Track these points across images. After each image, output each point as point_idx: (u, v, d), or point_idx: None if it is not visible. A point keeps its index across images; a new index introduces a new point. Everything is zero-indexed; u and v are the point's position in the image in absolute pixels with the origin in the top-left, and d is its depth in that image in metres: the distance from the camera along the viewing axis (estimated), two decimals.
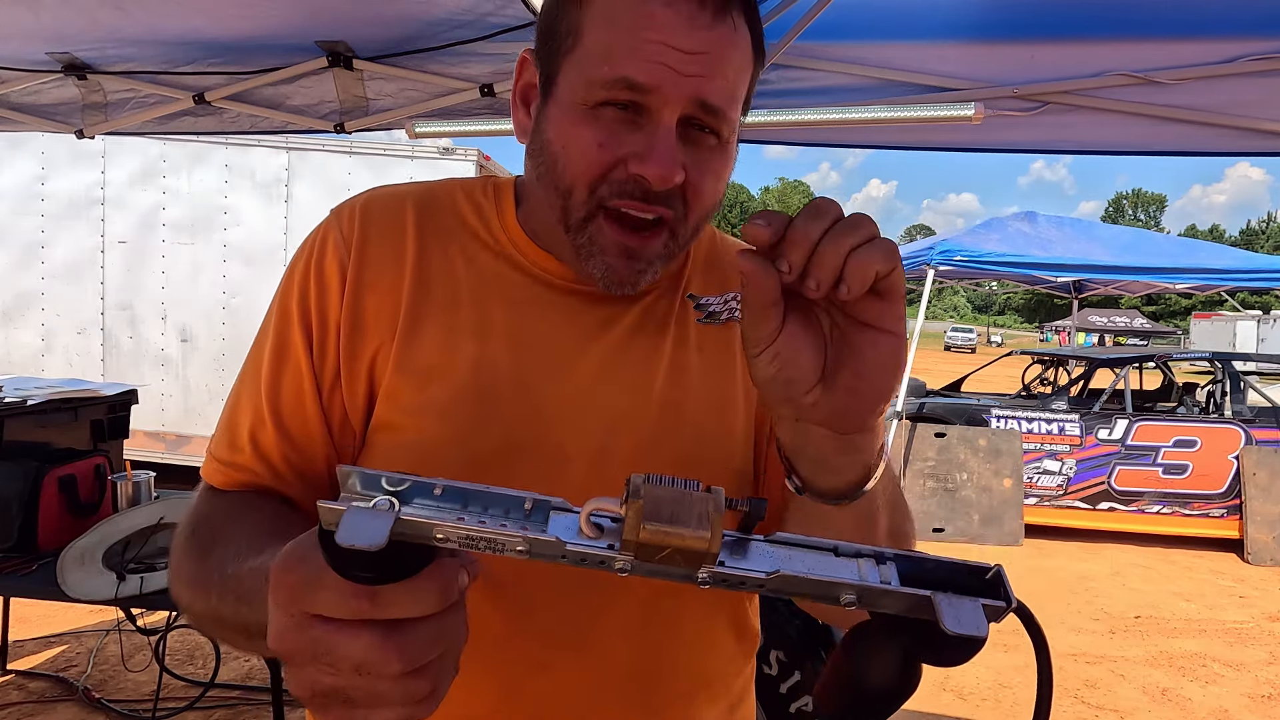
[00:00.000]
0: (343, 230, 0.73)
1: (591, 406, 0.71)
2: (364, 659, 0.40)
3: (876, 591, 0.41)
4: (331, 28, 2.32)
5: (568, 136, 0.66)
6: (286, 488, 0.71)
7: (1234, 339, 26.68)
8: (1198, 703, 3.80)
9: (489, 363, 0.70)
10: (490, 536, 0.40)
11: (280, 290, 0.73)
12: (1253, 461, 6.28)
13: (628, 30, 0.63)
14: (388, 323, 0.70)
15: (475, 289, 0.73)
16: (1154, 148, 2.21)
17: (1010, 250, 6.78)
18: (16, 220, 6.22)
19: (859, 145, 2.57)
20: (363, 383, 0.70)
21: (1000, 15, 2.01)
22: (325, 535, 0.38)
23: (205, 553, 0.64)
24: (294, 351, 0.71)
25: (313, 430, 0.71)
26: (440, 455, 0.67)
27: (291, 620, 0.41)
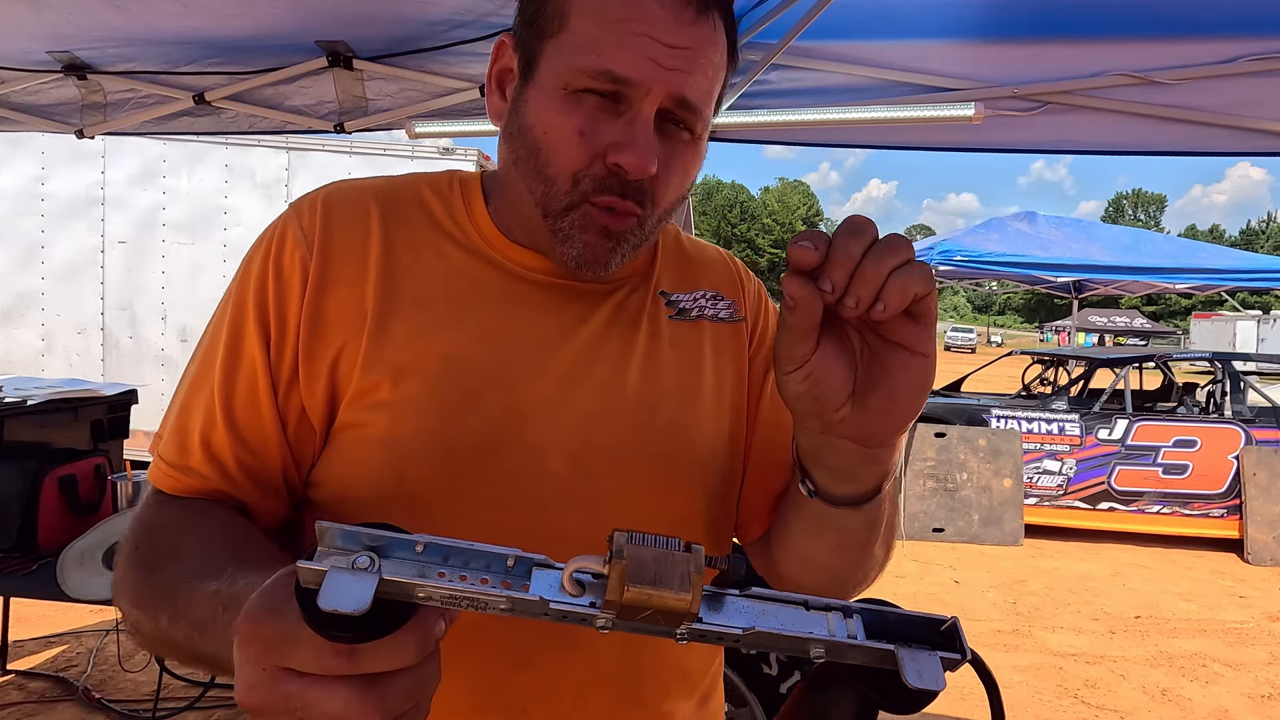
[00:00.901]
0: (303, 225, 0.70)
1: (569, 402, 0.71)
2: (341, 713, 0.40)
3: (844, 646, 0.43)
4: (331, 28, 2.32)
5: (549, 122, 0.66)
6: (239, 493, 0.68)
7: (1234, 339, 26.68)
8: (1198, 703, 3.80)
9: (464, 358, 0.69)
10: (474, 595, 0.40)
11: (234, 286, 0.70)
12: (1253, 461, 6.28)
13: (615, 22, 0.63)
14: (353, 320, 0.68)
15: (446, 285, 0.71)
16: (1154, 148, 2.21)
17: (1010, 250, 6.79)
18: (16, 220, 6.22)
19: (859, 145, 2.57)
20: (323, 382, 0.67)
21: (1000, 15, 2.01)
22: (304, 594, 0.38)
23: (153, 568, 0.60)
24: (249, 350, 0.67)
25: (268, 432, 0.68)
26: (416, 451, 0.66)
27: (264, 675, 0.41)
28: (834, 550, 0.70)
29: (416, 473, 0.65)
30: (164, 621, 0.57)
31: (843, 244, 0.48)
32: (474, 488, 0.67)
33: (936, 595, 5.08)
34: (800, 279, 0.49)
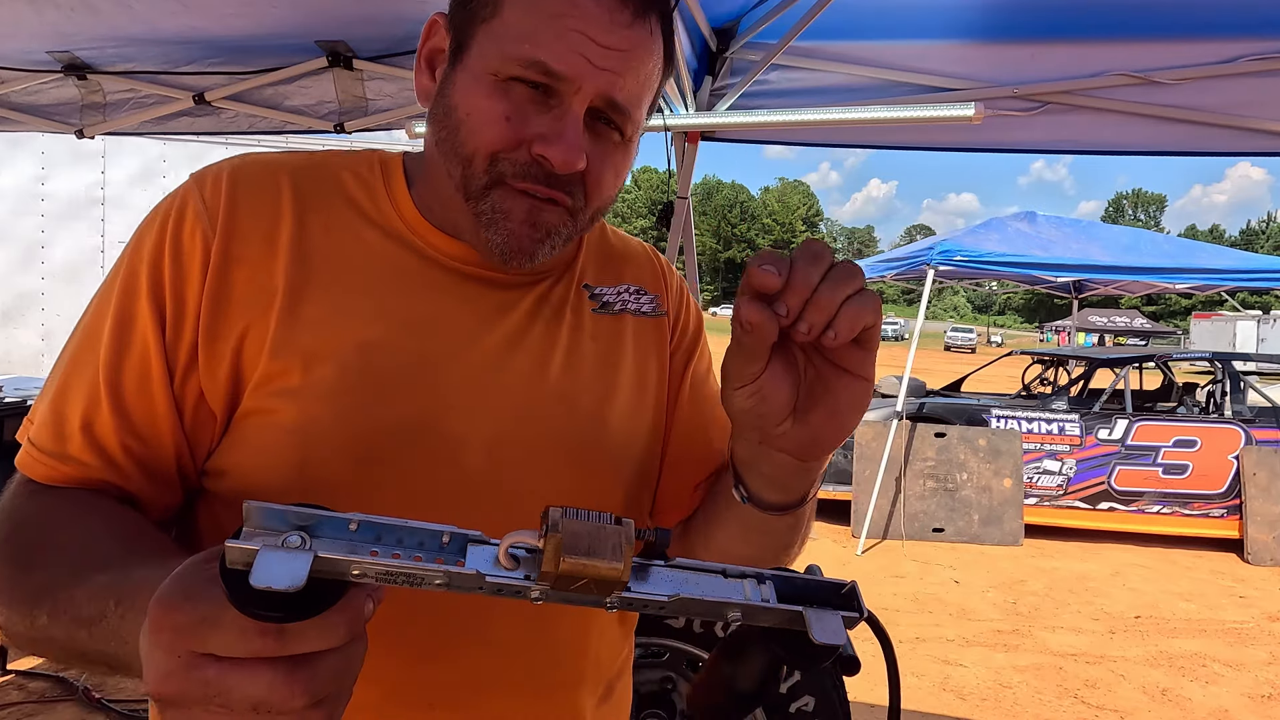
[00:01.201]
0: (205, 198, 0.66)
1: (489, 393, 0.69)
2: (265, 697, 0.39)
3: (758, 609, 0.46)
4: (331, 28, 2.32)
5: (474, 105, 0.65)
6: (126, 483, 0.63)
7: (1234, 339, 26.68)
8: (1198, 703, 3.80)
9: (381, 346, 0.66)
10: (410, 571, 0.40)
11: (123, 261, 0.65)
12: (1253, 461, 6.28)
13: (551, 16, 0.62)
14: (259, 301, 0.64)
15: (363, 268, 0.68)
16: (1154, 148, 2.21)
17: (1010, 250, 6.78)
18: (16, 220, 6.22)
19: (859, 145, 2.57)
20: (225, 365, 0.63)
21: (1000, 15, 2.01)
22: (231, 575, 0.37)
23: (28, 563, 0.56)
24: (141, 330, 0.63)
25: (161, 418, 0.63)
26: (326, 441, 0.63)
27: (179, 662, 0.39)
28: (756, 549, 0.71)
29: (326, 464, 0.63)
30: (42, 619, 0.53)
31: (801, 271, 0.49)
32: (386, 481, 0.64)
33: (936, 595, 5.08)
34: (758, 304, 0.50)
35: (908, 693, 3.68)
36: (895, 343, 57.89)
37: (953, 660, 4.10)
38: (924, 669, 3.97)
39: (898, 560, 5.79)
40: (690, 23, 2.11)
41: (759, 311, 0.50)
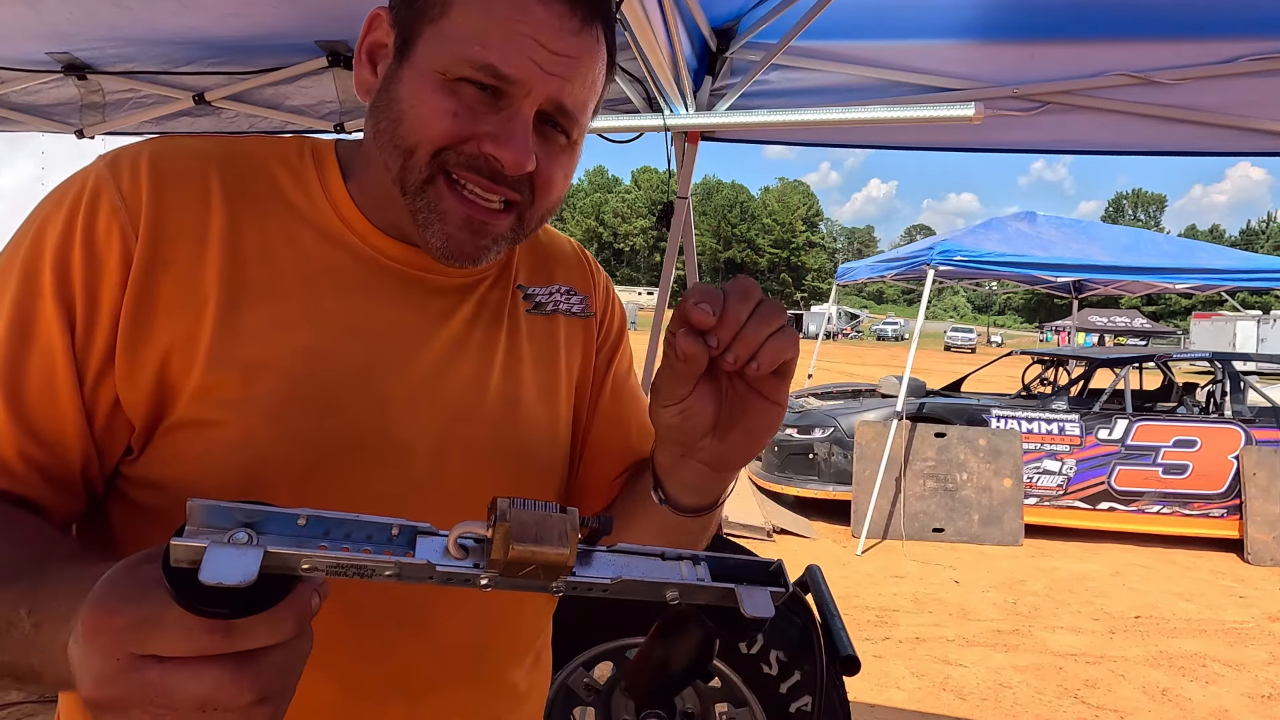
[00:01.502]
0: (123, 190, 0.61)
1: (433, 400, 0.70)
2: (212, 695, 0.38)
3: (694, 588, 0.49)
4: (331, 28, 2.32)
5: (420, 99, 0.64)
6: (25, 490, 0.59)
7: (1234, 339, 26.69)
8: (1198, 703, 3.80)
9: (323, 354, 0.65)
10: (360, 563, 0.41)
11: (20, 251, 0.61)
12: (1253, 461, 6.28)
13: (502, 20, 0.62)
14: (190, 307, 0.61)
15: (302, 272, 0.66)
16: (1154, 148, 2.21)
17: (1010, 250, 6.78)
18: (17, 220, 6.19)
19: (859, 145, 2.57)
20: (149, 373, 0.60)
21: (1000, 15, 2.01)
22: (177, 573, 0.37)
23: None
24: (45, 331, 0.59)
25: (67, 426, 0.60)
26: (269, 452, 0.62)
27: (118, 665, 0.38)
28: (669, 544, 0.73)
29: (270, 477, 0.62)
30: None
31: (733, 309, 0.55)
32: (331, 491, 0.64)
33: (936, 595, 5.08)
34: (693, 337, 0.55)
35: (908, 693, 3.69)
36: (895, 343, 57.92)
37: (953, 660, 4.11)
38: (924, 669, 3.97)
39: (898, 560, 5.79)
40: (690, 23, 2.11)
41: (694, 344, 0.55)
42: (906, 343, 55.96)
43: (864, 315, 72.53)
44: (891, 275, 8.12)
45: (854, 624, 4.51)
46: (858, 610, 4.73)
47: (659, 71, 1.92)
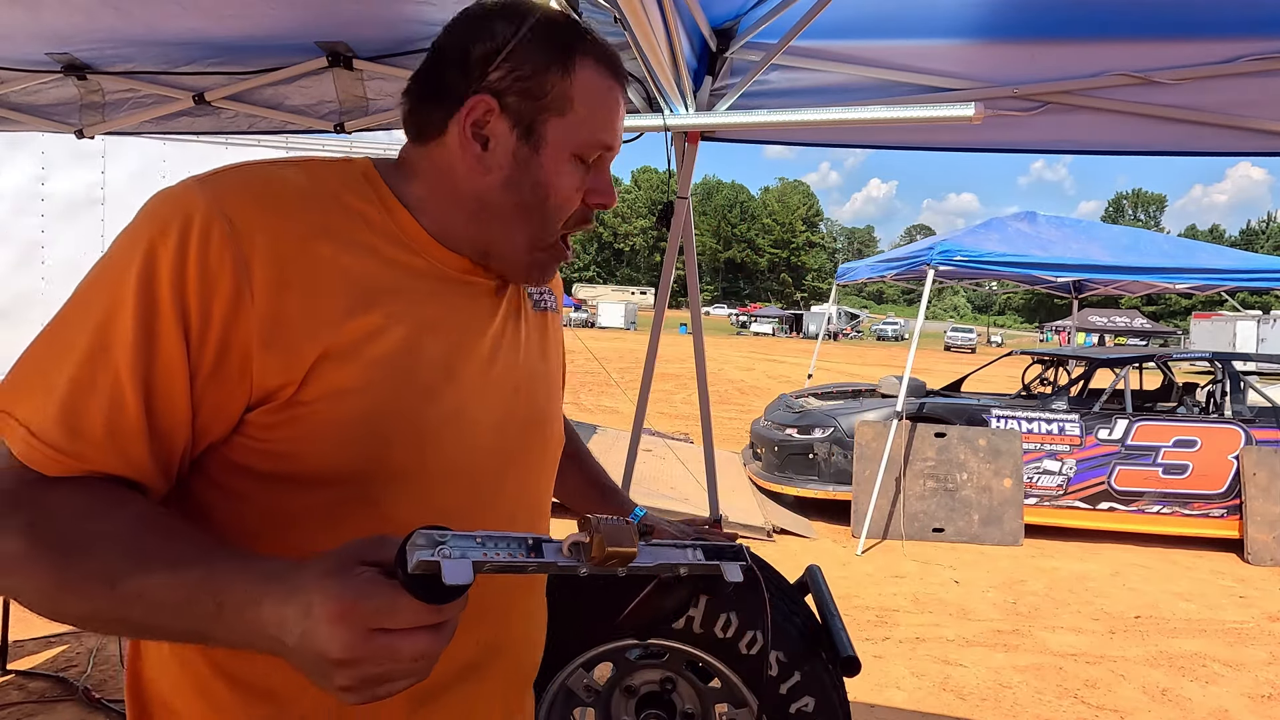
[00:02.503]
0: (235, 223, 0.71)
1: (492, 382, 0.87)
2: (426, 650, 0.58)
3: (698, 565, 0.74)
4: (331, 28, 2.32)
5: (560, 183, 0.84)
6: (141, 476, 0.71)
7: (1234, 339, 26.69)
8: (1198, 703, 3.80)
9: (416, 349, 0.80)
10: (516, 564, 0.62)
11: (133, 270, 0.69)
12: (1253, 461, 6.28)
13: (605, 110, 0.85)
14: (313, 317, 0.74)
15: (388, 284, 0.80)
16: (1154, 148, 2.21)
17: (1010, 250, 6.78)
18: (16, 220, 6.22)
19: (859, 145, 2.57)
20: (294, 373, 0.73)
21: (1000, 15, 2.01)
22: (414, 579, 0.57)
23: (72, 550, 0.64)
24: (167, 341, 0.69)
25: (180, 423, 0.71)
26: (389, 434, 0.77)
27: (361, 635, 0.56)
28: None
29: (386, 449, 0.77)
30: (100, 602, 0.63)
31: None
32: (429, 457, 0.80)
33: (936, 595, 5.08)
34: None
35: (908, 693, 3.69)
36: (895, 343, 57.88)
37: (953, 660, 4.10)
38: (924, 669, 3.97)
39: (898, 560, 5.79)
40: (690, 23, 2.11)
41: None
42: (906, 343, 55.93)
43: (864, 315, 72.50)
44: (891, 275, 8.12)
45: (854, 624, 4.51)
46: (858, 610, 4.73)
47: (659, 71, 1.92)
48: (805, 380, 10.33)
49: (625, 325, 55.00)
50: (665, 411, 13.02)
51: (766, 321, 65.07)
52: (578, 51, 0.82)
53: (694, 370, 2.75)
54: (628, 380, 15.82)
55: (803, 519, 6.66)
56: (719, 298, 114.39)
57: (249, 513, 0.77)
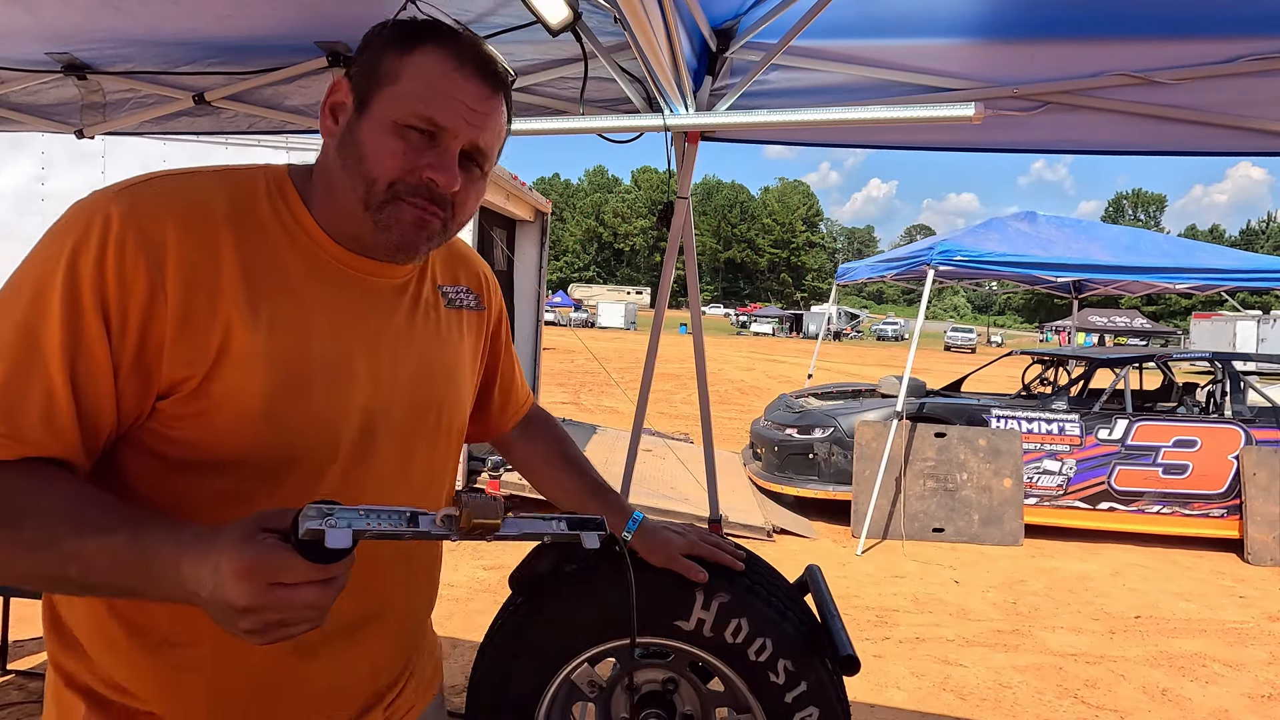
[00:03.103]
0: (146, 231, 0.80)
1: (393, 372, 0.97)
2: (315, 601, 0.69)
3: (559, 534, 0.83)
4: (331, 28, 2.32)
5: (379, 143, 0.88)
6: (71, 456, 0.80)
7: (1234, 339, 26.69)
8: (1198, 703, 3.80)
9: (321, 346, 0.89)
10: (393, 532, 0.72)
11: (57, 274, 0.77)
12: (1253, 461, 6.28)
13: (439, 87, 0.88)
14: (219, 314, 0.82)
15: (290, 282, 0.89)
16: (1154, 148, 2.21)
17: (1010, 250, 6.78)
18: (17, 220, 6.22)
19: (859, 145, 2.57)
20: (200, 363, 0.82)
21: (1000, 15, 2.01)
22: (304, 543, 0.68)
23: (10, 521, 0.73)
24: (91, 339, 0.77)
25: (105, 408, 0.80)
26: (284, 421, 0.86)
27: (260, 588, 0.66)
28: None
29: (284, 437, 0.86)
30: (42, 564, 0.73)
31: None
32: (330, 448, 0.90)
33: (936, 595, 5.08)
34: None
35: (908, 693, 3.69)
36: (895, 343, 57.85)
37: (953, 660, 4.10)
38: (924, 669, 3.97)
39: (898, 560, 5.79)
40: (690, 23, 2.10)
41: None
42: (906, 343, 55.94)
43: (864, 315, 72.49)
44: (891, 275, 8.12)
45: (854, 624, 4.51)
46: (858, 610, 4.73)
47: (659, 71, 1.92)
48: (805, 380, 10.33)
49: (625, 325, 54.99)
50: (665, 411, 13.02)
51: (766, 321, 65.11)
52: (420, 38, 0.90)
53: (694, 370, 2.75)
54: (628, 380, 15.83)
55: (803, 519, 6.66)
56: (719, 298, 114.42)
57: (161, 498, 0.85)
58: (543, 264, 8.41)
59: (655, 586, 1.24)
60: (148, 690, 0.88)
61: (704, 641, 1.25)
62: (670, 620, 1.25)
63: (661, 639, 1.27)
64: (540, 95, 2.56)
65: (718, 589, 1.24)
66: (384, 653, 1.04)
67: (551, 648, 1.29)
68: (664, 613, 1.25)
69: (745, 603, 1.23)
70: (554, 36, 1.99)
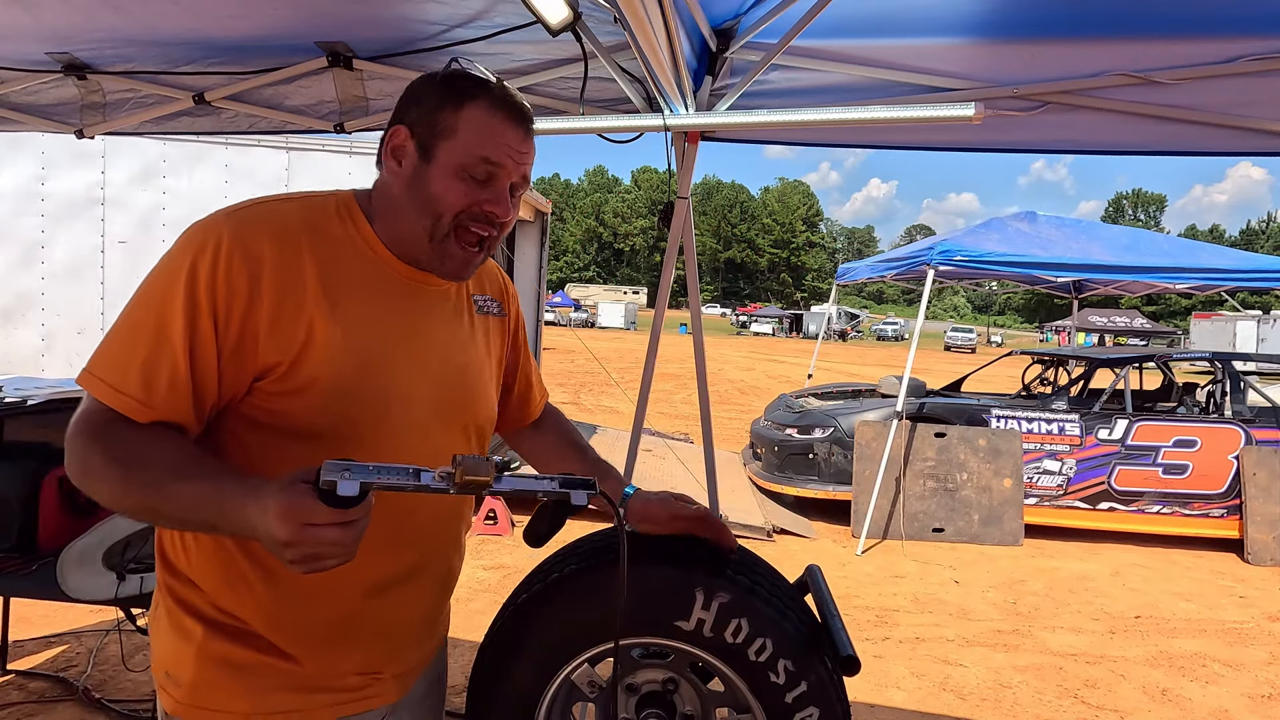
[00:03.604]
0: (249, 249, 1.03)
1: (430, 365, 1.17)
2: (337, 540, 0.85)
3: (551, 491, 0.94)
4: (331, 28, 2.32)
5: (446, 185, 1.09)
6: (183, 421, 1.01)
7: (1234, 339, 26.69)
8: (1198, 703, 3.80)
9: (377, 338, 1.11)
10: (397, 485, 0.86)
11: (179, 279, 1.00)
12: (1253, 461, 6.28)
13: (491, 135, 1.09)
14: (303, 313, 1.04)
15: (358, 288, 1.11)
16: (1154, 148, 2.21)
17: (1010, 250, 6.78)
18: (16, 220, 6.22)
19: (859, 145, 2.57)
20: (290, 351, 1.03)
21: (1000, 14, 2.01)
22: (324, 491, 0.83)
23: (131, 465, 0.94)
24: (203, 332, 1.00)
25: (211, 384, 1.02)
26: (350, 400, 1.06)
27: (297, 526, 0.83)
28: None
29: (346, 409, 1.06)
30: (147, 501, 0.94)
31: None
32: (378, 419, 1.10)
33: (936, 595, 5.08)
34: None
35: (908, 693, 3.69)
36: (895, 343, 57.83)
37: (953, 660, 4.11)
38: (924, 669, 3.97)
39: (898, 560, 5.79)
40: (690, 23, 2.10)
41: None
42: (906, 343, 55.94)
43: (864, 315, 72.48)
44: (891, 275, 8.12)
45: (854, 624, 4.51)
46: (858, 610, 4.73)
47: (659, 71, 1.92)
48: (805, 380, 10.32)
49: (625, 325, 54.98)
50: (665, 411, 13.02)
51: (766, 321, 65.09)
52: (468, 95, 1.10)
53: (694, 370, 2.75)
54: (628, 380, 15.82)
55: (803, 519, 6.66)
56: (719, 298, 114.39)
57: (253, 452, 1.07)
58: (543, 264, 8.41)
59: (655, 586, 1.23)
60: (253, 615, 1.09)
61: (704, 641, 1.25)
62: (670, 620, 1.25)
63: (661, 639, 1.27)
64: (540, 95, 2.56)
65: (718, 589, 1.23)
66: (429, 601, 1.26)
67: (551, 648, 1.29)
68: (664, 613, 1.25)
69: (745, 603, 1.23)
70: (554, 36, 1.99)
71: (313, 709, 1.12)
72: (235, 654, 1.08)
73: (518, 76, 2.49)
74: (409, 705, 1.28)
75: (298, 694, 1.11)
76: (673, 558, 1.28)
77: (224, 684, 1.08)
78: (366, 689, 1.18)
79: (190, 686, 1.08)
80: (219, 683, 1.08)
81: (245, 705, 1.08)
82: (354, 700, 1.16)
